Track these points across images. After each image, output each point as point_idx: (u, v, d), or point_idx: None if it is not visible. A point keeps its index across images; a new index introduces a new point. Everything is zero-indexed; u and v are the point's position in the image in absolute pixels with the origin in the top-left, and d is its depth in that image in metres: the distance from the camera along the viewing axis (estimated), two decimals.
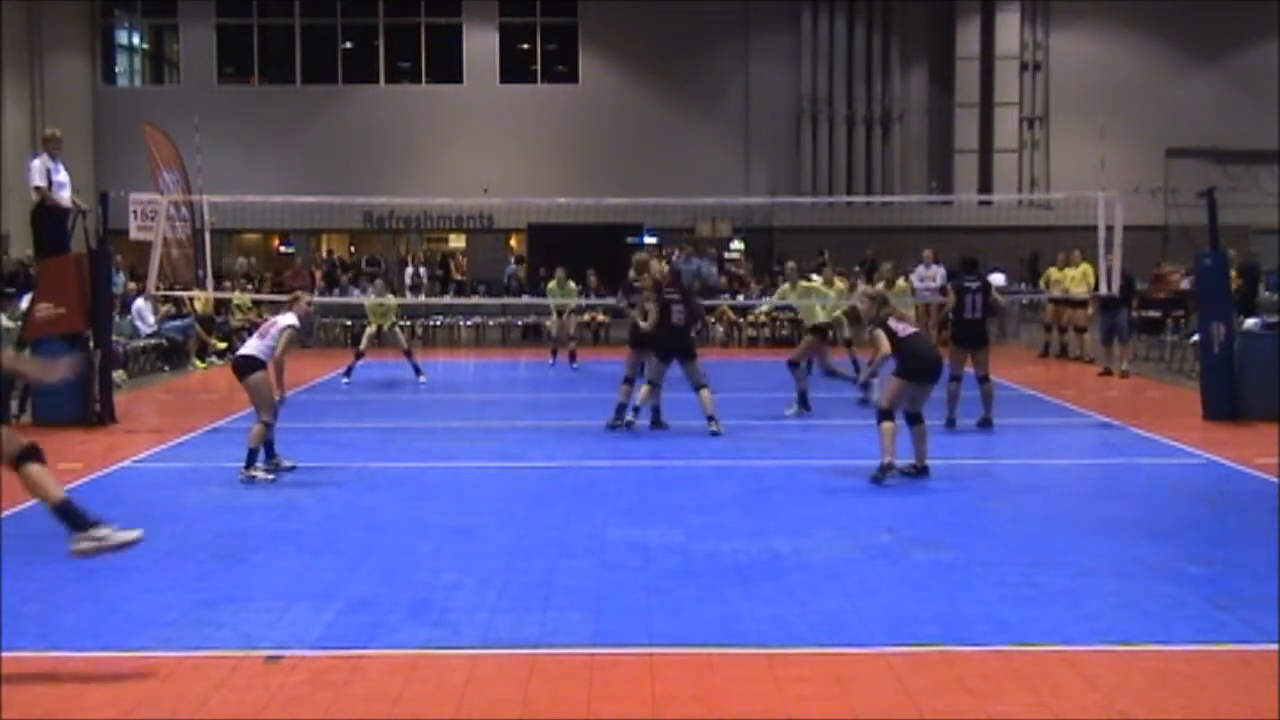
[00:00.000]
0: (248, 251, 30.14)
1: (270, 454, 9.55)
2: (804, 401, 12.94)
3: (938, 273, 20.60)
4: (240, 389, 9.64)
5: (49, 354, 12.32)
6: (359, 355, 16.78)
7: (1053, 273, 19.59)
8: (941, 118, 30.96)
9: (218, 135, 25.15)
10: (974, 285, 11.97)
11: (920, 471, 9.15)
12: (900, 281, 17.28)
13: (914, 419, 9.22)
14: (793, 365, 13.05)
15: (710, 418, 11.41)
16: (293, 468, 9.60)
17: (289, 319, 9.62)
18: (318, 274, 26.13)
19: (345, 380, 16.18)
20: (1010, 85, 30.40)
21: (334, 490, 9.00)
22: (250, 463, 9.31)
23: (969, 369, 12.09)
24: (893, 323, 9.34)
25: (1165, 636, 5.45)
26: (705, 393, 11.50)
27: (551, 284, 19.24)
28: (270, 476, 9.31)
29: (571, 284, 19.36)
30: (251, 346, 9.59)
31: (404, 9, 30.76)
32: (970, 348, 12.02)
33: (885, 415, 9.08)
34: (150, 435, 11.76)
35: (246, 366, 9.44)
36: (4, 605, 5.83)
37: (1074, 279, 18.71)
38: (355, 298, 23.40)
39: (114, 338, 14.15)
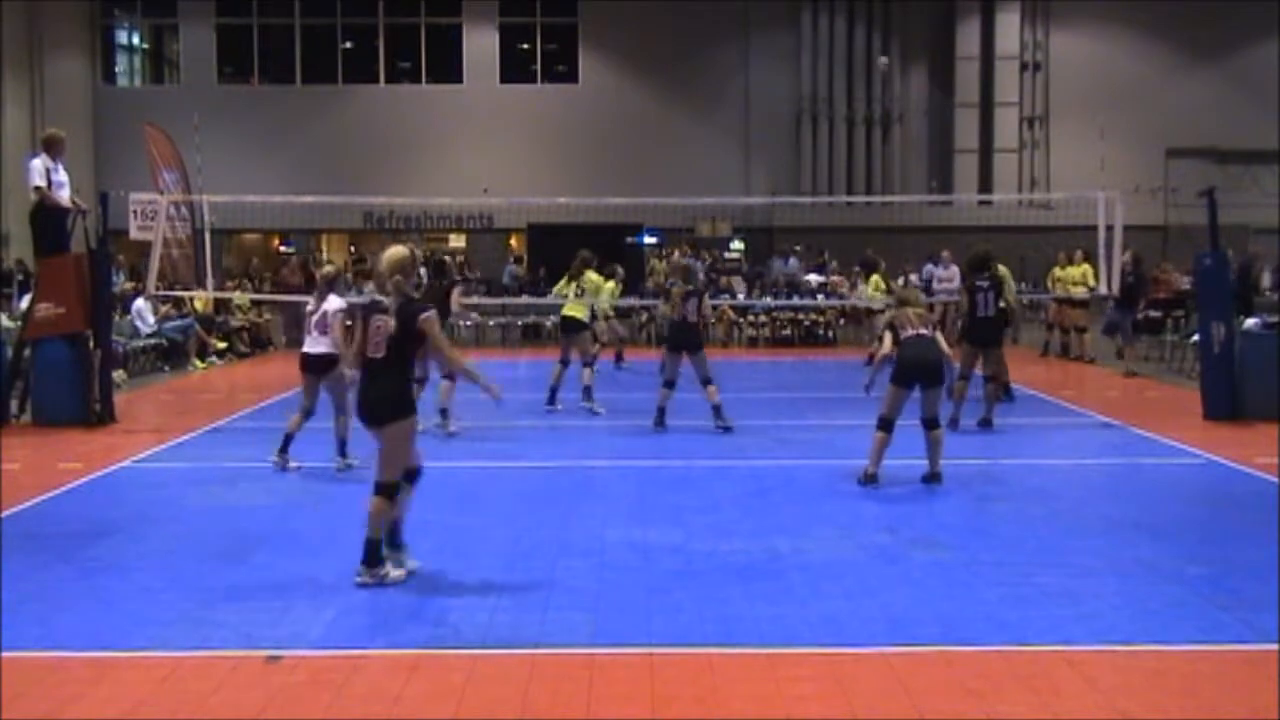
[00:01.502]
0: (252, 254, 30.17)
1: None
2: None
3: (955, 273, 20.68)
4: (243, 389, 9.67)
5: (49, 354, 12.37)
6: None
7: (1055, 272, 19.63)
8: (941, 118, 30.97)
9: (218, 135, 25.15)
10: (984, 284, 11.94)
11: (933, 478, 9.04)
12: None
13: (928, 424, 9.08)
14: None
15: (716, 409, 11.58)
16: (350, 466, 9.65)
17: (337, 303, 9.70)
18: (317, 273, 26.07)
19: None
20: (1010, 85, 30.41)
21: (334, 490, 9.00)
22: (342, 452, 9.57)
23: (977, 370, 12.08)
24: (901, 325, 9.22)
25: (1165, 636, 5.45)
26: (712, 388, 11.63)
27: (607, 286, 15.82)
28: (355, 463, 9.48)
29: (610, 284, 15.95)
30: (321, 343, 9.64)
31: (404, 9, 30.77)
32: (982, 346, 11.96)
33: (882, 423, 8.99)
34: (150, 435, 11.76)
35: (324, 364, 9.58)
36: (4, 605, 5.83)
37: (1073, 278, 18.74)
38: (354, 298, 23.41)
39: (114, 337, 14.16)
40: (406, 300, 6.38)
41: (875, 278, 19.72)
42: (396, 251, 6.52)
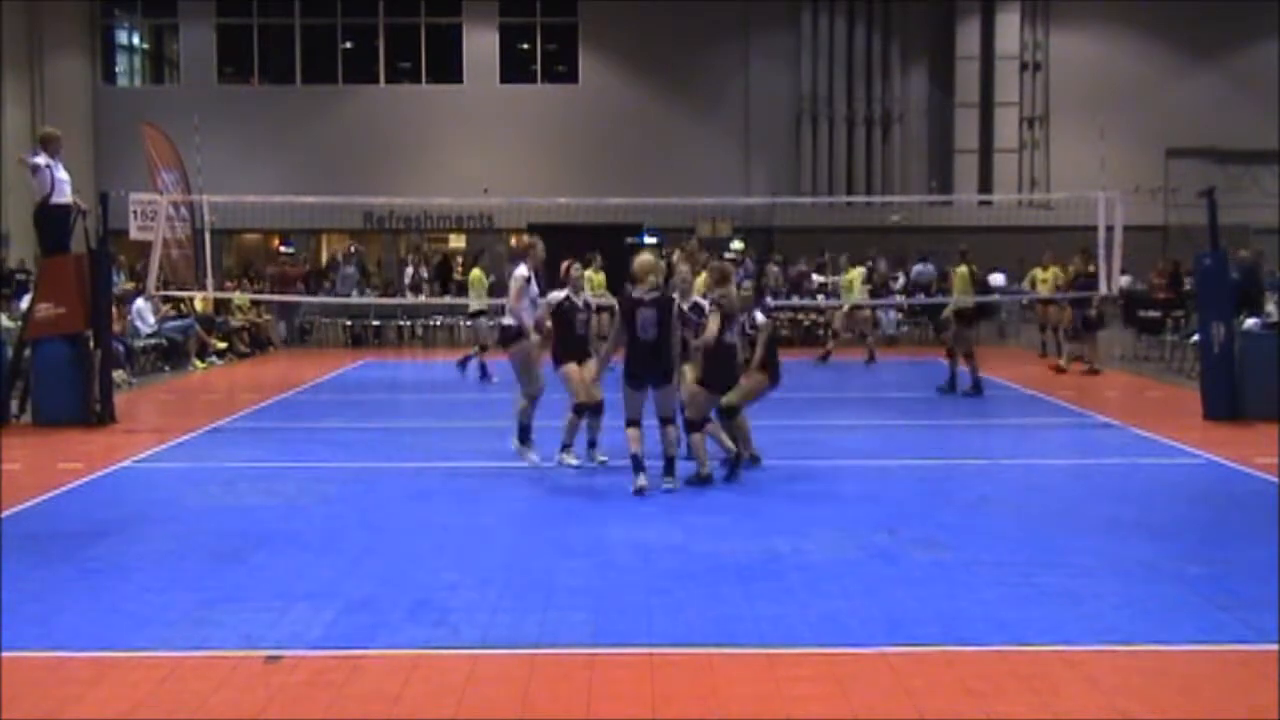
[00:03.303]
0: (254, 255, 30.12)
1: (592, 444, 9.73)
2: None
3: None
4: (244, 389, 9.71)
5: (49, 354, 12.38)
6: (484, 348, 16.56)
7: (1037, 273, 19.78)
8: (941, 118, 30.96)
9: (218, 135, 25.12)
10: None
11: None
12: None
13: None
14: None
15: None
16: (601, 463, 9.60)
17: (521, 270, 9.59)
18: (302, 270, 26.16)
19: (494, 379, 15.93)
20: (1010, 85, 30.40)
21: (334, 490, 9.00)
22: (565, 446, 9.56)
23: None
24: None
25: (1166, 636, 5.44)
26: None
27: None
28: (575, 463, 9.52)
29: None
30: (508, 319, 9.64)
31: (404, 9, 30.76)
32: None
33: (697, 426, 9.03)
34: (150, 435, 11.76)
35: (507, 336, 9.66)
36: (4, 605, 5.83)
37: (1043, 280, 19.12)
38: (355, 299, 23.44)
39: (123, 338, 14.15)
40: (661, 295, 8.69)
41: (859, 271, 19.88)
42: (648, 259, 8.80)
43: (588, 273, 14.17)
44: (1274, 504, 8.16)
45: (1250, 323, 13.38)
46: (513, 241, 27.34)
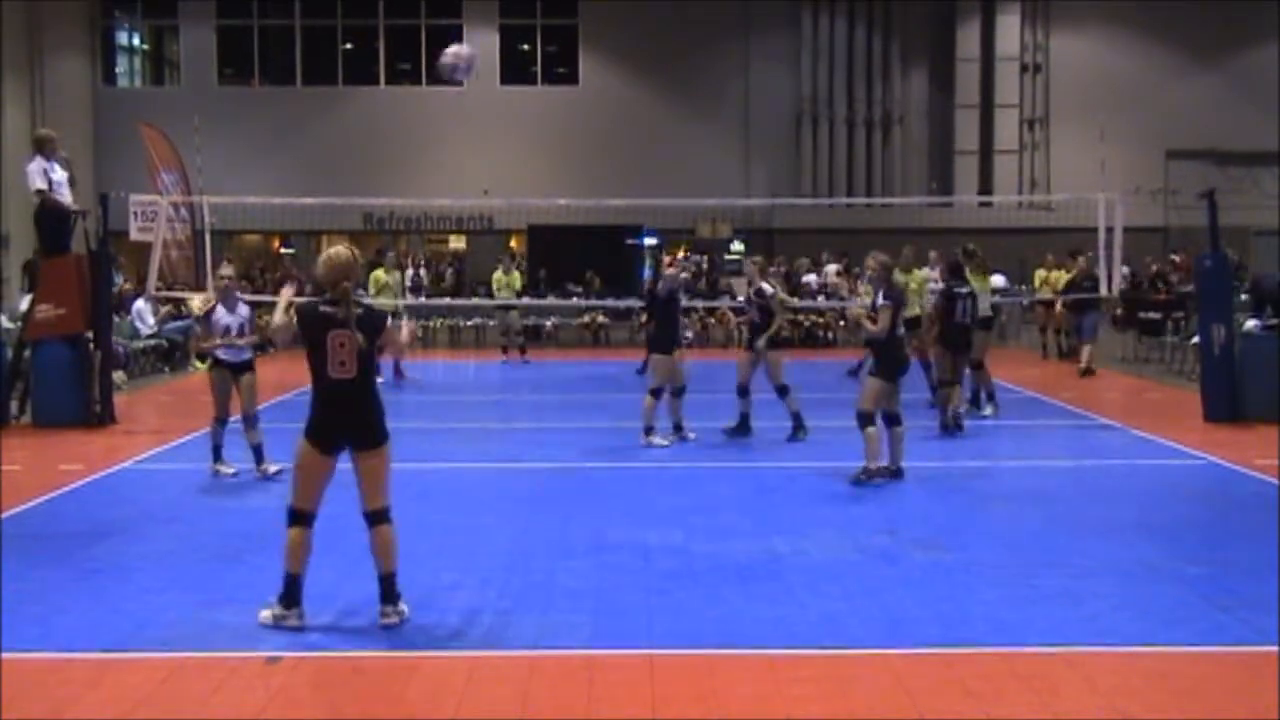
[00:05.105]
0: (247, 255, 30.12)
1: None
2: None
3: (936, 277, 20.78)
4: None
5: (49, 355, 12.37)
6: (521, 350, 16.53)
7: (1040, 274, 19.75)
8: (942, 119, 30.97)
9: (218, 136, 25.13)
10: (964, 291, 11.87)
11: (896, 474, 9.08)
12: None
13: (893, 420, 9.16)
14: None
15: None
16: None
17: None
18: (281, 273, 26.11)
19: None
20: (1010, 87, 30.41)
21: (334, 490, 8.95)
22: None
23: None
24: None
25: (1166, 637, 5.45)
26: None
27: None
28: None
29: None
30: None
31: (404, 10, 30.77)
32: (958, 352, 11.82)
33: (869, 419, 9.00)
34: (150, 436, 11.76)
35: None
36: (4, 605, 5.83)
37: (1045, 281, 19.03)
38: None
39: (117, 340, 14.14)
40: (366, 309, 5.62)
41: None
42: (339, 253, 5.57)
43: (377, 273, 14.75)
44: (1274, 504, 8.17)
45: (1250, 324, 13.38)
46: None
